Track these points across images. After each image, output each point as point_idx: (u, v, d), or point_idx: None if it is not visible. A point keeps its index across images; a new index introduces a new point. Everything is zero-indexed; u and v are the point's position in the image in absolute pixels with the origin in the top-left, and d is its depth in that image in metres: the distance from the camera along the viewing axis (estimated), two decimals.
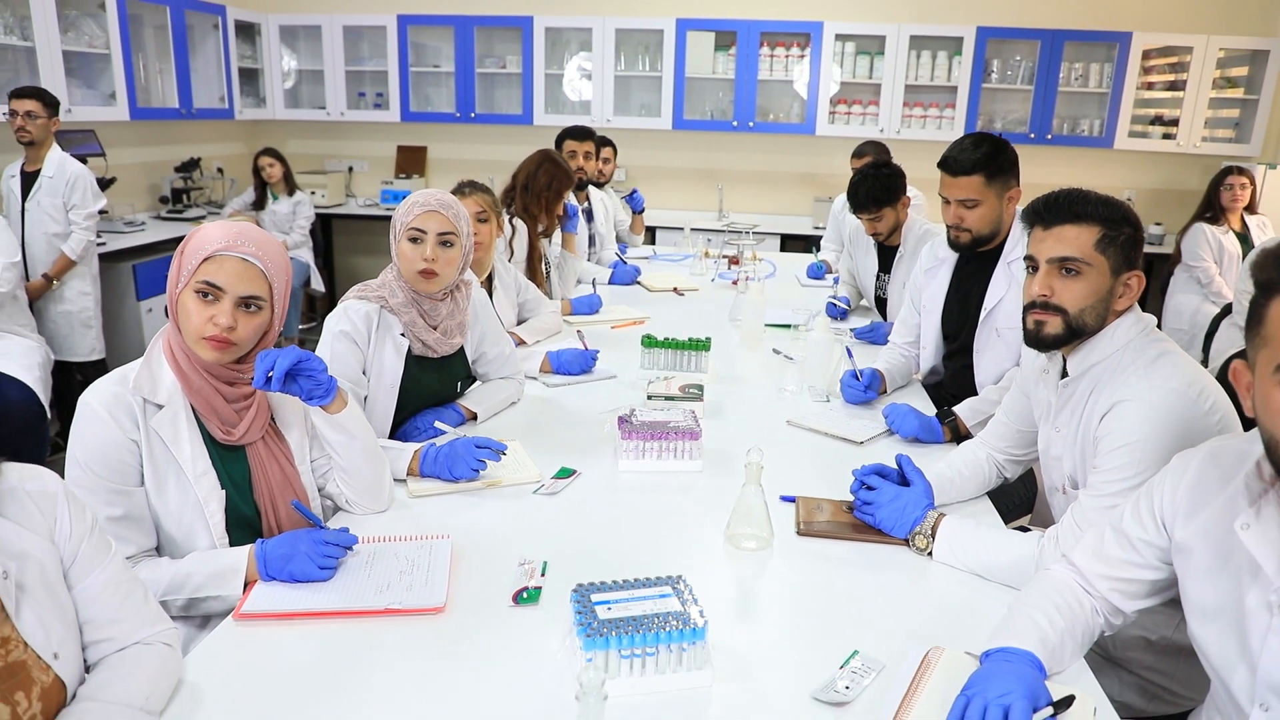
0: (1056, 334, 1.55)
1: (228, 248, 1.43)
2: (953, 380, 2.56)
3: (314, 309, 6.40)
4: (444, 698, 1.18)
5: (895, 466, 1.71)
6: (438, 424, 2.02)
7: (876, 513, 1.62)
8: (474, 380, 2.27)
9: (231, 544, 1.47)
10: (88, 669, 1.11)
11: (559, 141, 4.19)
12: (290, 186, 5.68)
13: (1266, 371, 1.00)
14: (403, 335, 2.00)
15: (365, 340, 1.95)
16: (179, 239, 4.94)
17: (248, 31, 6.19)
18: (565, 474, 1.87)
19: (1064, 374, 1.62)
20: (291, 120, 6.56)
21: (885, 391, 2.49)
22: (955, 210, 2.39)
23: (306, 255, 5.74)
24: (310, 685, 1.19)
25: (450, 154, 6.68)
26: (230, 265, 1.43)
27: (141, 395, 1.42)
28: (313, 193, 6.01)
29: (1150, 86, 5.78)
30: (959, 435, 2.19)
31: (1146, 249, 5.54)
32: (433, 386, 2.10)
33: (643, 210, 5.02)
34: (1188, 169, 5.97)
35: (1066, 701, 1.10)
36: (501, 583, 1.44)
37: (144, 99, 5.17)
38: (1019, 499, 2.20)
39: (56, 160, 3.89)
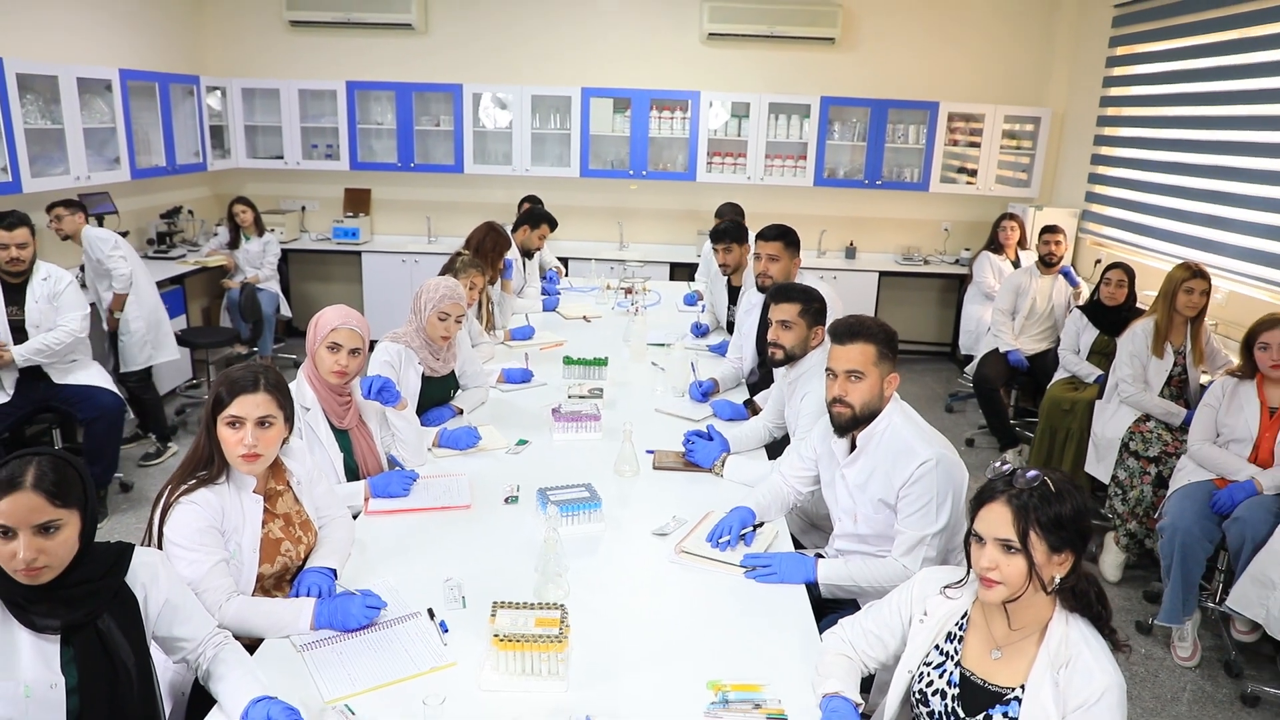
0: (780, 359, 2.96)
1: (343, 323, 2.69)
2: (763, 380, 3.96)
3: (282, 334, 7.36)
4: (471, 548, 2.44)
5: (706, 431, 3.08)
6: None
7: (695, 454, 2.98)
8: (459, 389, 3.55)
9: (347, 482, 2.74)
10: None
11: (539, 221, 5.38)
12: (260, 229, 6.70)
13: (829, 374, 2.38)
14: (419, 364, 3.27)
15: (398, 367, 3.21)
16: (173, 278, 5.98)
17: (215, 95, 7.22)
18: (522, 443, 3.17)
19: (788, 379, 3.03)
20: (252, 169, 7.61)
21: (719, 392, 3.86)
22: (764, 263, 3.81)
23: (275, 287, 6.70)
24: (407, 542, 2.46)
25: (392, 195, 7.80)
26: (345, 332, 2.69)
27: (300, 404, 2.68)
28: (272, 230, 6.90)
29: (955, 143, 7.37)
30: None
31: (959, 269, 7.15)
32: (436, 394, 3.39)
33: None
34: (988, 207, 7.56)
35: (760, 525, 2.49)
36: (496, 495, 2.74)
37: (140, 160, 6.18)
38: None
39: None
